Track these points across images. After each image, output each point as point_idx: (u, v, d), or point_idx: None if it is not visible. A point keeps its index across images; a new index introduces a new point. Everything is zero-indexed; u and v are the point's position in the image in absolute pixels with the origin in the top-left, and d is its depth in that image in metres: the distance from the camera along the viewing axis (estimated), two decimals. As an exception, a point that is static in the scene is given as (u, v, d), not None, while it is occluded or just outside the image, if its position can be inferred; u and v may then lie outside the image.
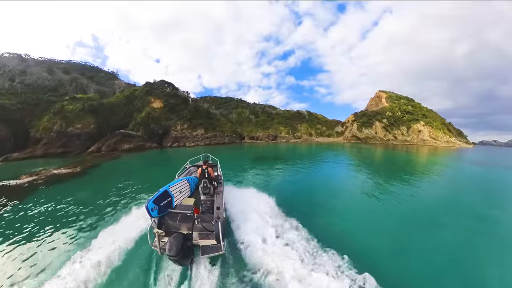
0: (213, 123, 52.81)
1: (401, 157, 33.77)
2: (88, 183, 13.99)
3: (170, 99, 49.61)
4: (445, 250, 6.41)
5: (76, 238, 6.68)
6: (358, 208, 9.76)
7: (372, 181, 14.99)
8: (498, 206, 10.60)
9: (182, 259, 4.34)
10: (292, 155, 31.39)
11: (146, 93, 51.07)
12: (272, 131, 71.93)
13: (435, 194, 12.62)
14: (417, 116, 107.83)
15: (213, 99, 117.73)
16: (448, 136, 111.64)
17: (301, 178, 15.33)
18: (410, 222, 8.30)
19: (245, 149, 42.94)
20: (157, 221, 5.35)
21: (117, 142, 35.89)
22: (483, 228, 8.01)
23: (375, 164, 24.95)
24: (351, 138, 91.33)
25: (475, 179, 18.09)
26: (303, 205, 9.34)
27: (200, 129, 47.13)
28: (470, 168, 24.36)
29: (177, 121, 45.03)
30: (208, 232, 5.12)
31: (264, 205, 7.99)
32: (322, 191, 12.12)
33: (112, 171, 18.76)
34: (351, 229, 7.37)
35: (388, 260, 5.74)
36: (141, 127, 38.98)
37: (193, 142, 44.69)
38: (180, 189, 6.41)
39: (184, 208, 5.91)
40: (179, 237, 4.42)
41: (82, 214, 8.37)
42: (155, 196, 5.38)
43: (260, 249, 5.26)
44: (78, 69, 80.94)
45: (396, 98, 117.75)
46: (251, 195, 9.32)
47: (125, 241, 5.73)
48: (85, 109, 40.09)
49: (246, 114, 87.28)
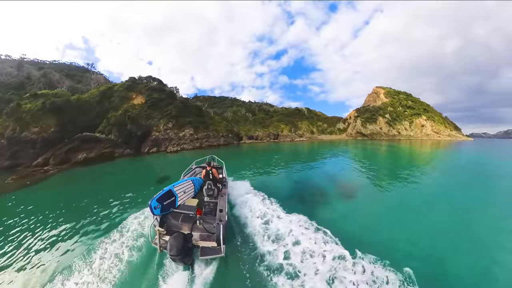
0: (205, 121, 45.18)
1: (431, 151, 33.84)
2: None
3: (154, 94, 41.38)
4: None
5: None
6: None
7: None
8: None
9: (182, 259, 4.37)
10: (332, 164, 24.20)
11: (127, 89, 42.89)
12: (273, 130, 65.04)
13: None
14: (418, 110, 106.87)
15: (206, 98, 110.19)
16: (449, 130, 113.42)
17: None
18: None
19: (245, 152, 36.22)
20: (159, 219, 5.29)
21: (71, 151, 25.91)
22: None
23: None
24: (356, 135, 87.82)
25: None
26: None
27: (189, 128, 38.40)
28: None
29: (160, 119, 36.71)
30: (209, 234, 5.10)
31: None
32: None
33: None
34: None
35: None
36: (114, 128, 31.12)
37: (178, 146, 35.18)
38: (184, 189, 6.42)
39: (187, 209, 5.97)
40: (179, 237, 4.48)
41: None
42: (159, 195, 5.38)
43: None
44: (63, 70, 72.77)
45: (394, 94, 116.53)
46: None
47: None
48: (45, 108, 32.20)
49: (243, 112, 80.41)
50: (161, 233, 4.71)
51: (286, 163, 20.38)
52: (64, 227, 7.63)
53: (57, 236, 7.03)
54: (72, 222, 7.92)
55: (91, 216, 8.39)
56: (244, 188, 9.57)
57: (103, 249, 5.42)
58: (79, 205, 9.68)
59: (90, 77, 62.86)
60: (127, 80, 48.27)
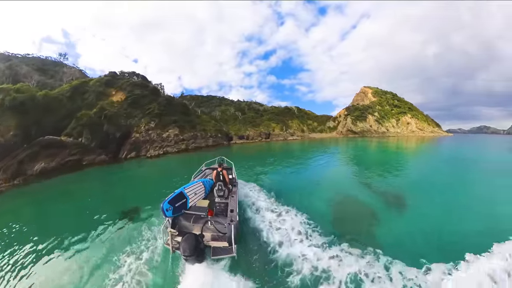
0: (192, 120, 41.81)
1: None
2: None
3: (135, 89, 37.05)
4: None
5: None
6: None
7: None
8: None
9: (194, 259, 4.41)
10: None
11: (105, 84, 38.17)
12: (264, 128, 62.75)
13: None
14: (404, 109, 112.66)
15: (193, 97, 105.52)
16: (432, 127, 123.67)
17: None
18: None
19: (239, 154, 33.77)
20: (171, 221, 5.46)
21: (27, 160, 20.37)
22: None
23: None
24: (347, 133, 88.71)
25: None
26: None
27: (173, 128, 34.26)
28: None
29: (142, 119, 32.52)
30: (220, 234, 5.13)
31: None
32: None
33: None
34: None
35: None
36: (86, 130, 27.19)
37: (160, 149, 30.47)
38: (195, 191, 6.57)
39: (198, 210, 6.06)
40: (192, 238, 4.53)
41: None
42: (170, 197, 5.51)
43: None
44: (35, 64, 64.83)
45: (382, 93, 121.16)
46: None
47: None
48: (4, 105, 27.64)
49: (232, 111, 77.46)
50: (173, 234, 4.82)
51: (291, 166, 18.57)
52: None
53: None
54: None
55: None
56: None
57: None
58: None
59: (62, 71, 56.15)
60: (106, 75, 43.52)
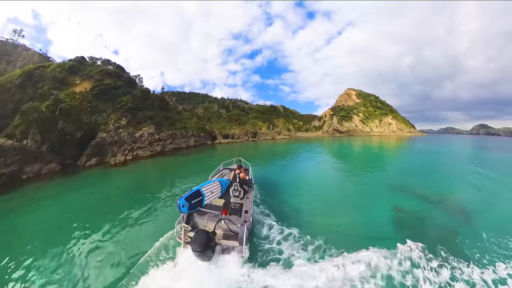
0: (171, 116, 37.10)
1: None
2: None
3: (106, 79, 30.56)
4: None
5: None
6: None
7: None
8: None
9: (204, 255, 4.41)
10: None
11: (69, 70, 30.77)
12: (250, 127, 59.63)
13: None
14: (385, 111, 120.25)
15: (175, 94, 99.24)
16: (409, 127, 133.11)
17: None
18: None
19: (220, 153, 30.38)
20: (186, 217, 5.55)
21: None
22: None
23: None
24: (333, 132, 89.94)
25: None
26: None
27: (148, 126, 28.96)
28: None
29: (112, 114, 27.05)
30: (232, 234, 5.23)
31: None
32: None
33: None
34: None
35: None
36: (34, 128, 21.80)
37: (130, 152, 24.85)
38: (211, 190, 6.79)
39: (213, 208, 6.17)
40: (204, 234, 4.56)
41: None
42: (187, 194, 5.71)
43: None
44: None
45: (365, 95, 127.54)
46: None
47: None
48: None
49: (215, 109, 73.32)
50: (186, 229, 5.11)
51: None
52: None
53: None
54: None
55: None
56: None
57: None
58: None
59: (18, 53, 44.50)
60: (72, 59, 35.72)
